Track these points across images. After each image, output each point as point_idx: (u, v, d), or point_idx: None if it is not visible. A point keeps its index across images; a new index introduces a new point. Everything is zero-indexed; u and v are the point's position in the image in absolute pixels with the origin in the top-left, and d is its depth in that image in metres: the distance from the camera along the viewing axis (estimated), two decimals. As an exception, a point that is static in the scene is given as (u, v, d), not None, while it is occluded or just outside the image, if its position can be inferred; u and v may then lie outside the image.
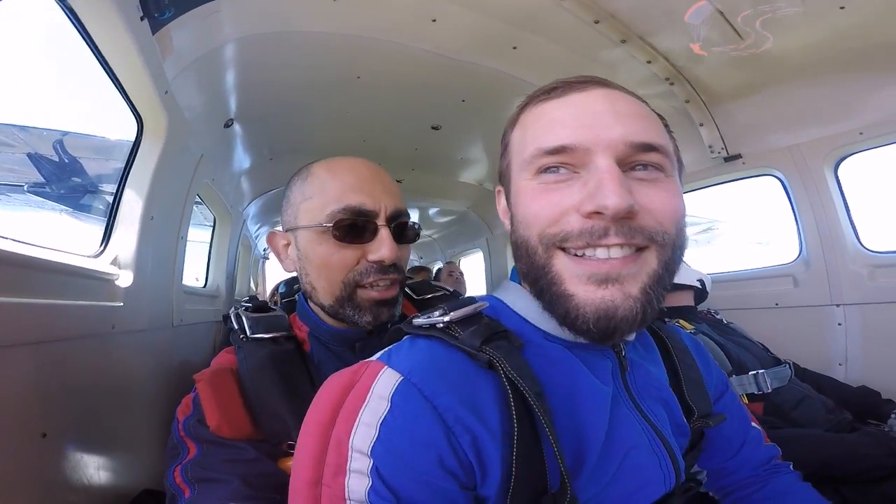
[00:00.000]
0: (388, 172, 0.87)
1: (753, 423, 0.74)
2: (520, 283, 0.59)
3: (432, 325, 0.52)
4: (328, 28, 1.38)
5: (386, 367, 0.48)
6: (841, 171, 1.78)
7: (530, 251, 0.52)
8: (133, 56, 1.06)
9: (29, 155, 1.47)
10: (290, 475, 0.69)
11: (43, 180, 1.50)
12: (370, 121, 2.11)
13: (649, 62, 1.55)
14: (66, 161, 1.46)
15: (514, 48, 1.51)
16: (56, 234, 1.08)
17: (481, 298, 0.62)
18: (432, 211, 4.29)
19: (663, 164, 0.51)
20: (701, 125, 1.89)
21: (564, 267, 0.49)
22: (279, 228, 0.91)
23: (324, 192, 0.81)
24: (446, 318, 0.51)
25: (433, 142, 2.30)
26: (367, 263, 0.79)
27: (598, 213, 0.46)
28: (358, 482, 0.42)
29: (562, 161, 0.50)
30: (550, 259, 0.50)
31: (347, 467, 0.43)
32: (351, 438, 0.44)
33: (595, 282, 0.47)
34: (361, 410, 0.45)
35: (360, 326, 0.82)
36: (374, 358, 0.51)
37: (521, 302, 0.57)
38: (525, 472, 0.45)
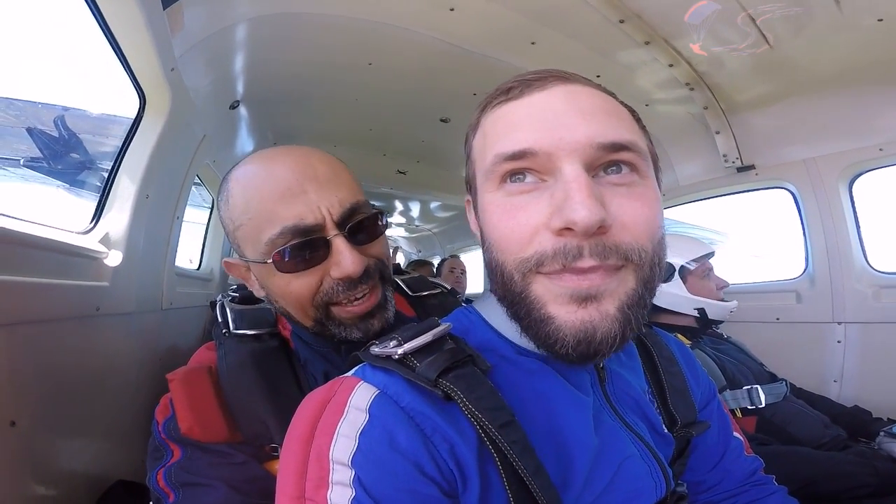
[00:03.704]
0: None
1: (735, 434, 0.71)
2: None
3: (388, 357, 0.48)
4: (344, 11, 1.34)
5: (361, 381, 0.48)
6: (855, 188, 1.75)
7: (506, 277, 0.47)
8: (141, 31, 1.02)
9: (28, 129, 1.42)
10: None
11: (39, 155, 1.44)
12: (378, 109, 2.06)
13: (671, 66, 1.51)
14: (63, 136, 1.41)
15: (533, 43, 1.47)
16: (46, 211, 1.03)
17: (458, 311, 0.60)
18: (434, 205, 4.26)
19: (637, 164, 0.46)
20: (717, 133, 1.85)
21: (545, 289, 0.45)
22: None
23: (249, 214, 0.67)
24: (400, 350, 0.47)
25: (441, 134, 2.27)
26: (333, 280, 0.67)
27: (568, 229, 0.42)
28: (341, 493, 0.41)
29: (525, 166, 0.46)
30: (528, 285, 0.46)
31: (329, 479, 0.42)
32: (331, 451, 0.43)
33: (576, 300, 0.44)
34: (340, 423, 0.44)
35: (351, 341, 0.72)
36: (348, 374, 0.51)
37: (497, 316, 0.54)
38: (519, 496, 0.44)
